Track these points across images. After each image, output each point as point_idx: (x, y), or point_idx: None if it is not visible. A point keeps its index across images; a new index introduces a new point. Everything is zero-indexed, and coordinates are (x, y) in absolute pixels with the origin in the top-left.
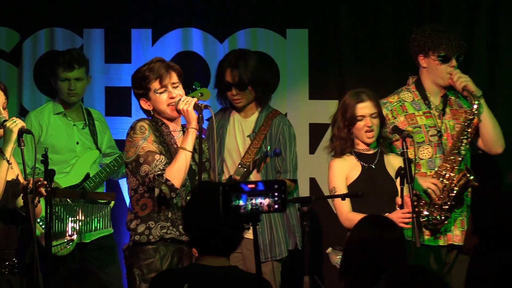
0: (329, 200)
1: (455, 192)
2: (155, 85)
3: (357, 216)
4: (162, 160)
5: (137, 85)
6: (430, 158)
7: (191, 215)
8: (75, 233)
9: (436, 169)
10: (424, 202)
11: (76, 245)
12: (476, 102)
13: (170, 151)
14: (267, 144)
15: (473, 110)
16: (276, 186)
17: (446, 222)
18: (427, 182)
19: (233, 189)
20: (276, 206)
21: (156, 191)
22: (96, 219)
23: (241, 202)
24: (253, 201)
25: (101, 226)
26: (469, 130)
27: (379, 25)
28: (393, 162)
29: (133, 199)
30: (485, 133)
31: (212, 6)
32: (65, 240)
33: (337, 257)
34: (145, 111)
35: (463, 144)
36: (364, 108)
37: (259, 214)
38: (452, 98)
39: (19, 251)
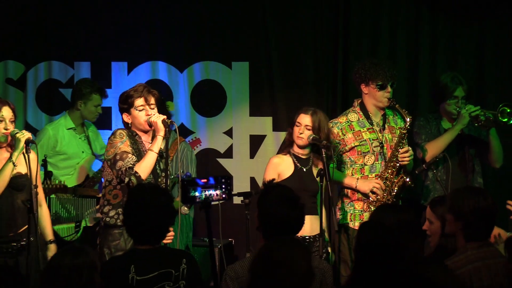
0: None
1: (395, 191)
2: (137, 102)
3: None
4: (133, 158)
5: (123, 101)
6: (372, 164)
7: (132, 213)
8: (79, 221)
9: (376, 172)
10: (372, 200)
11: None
12: (409, 119)
13: (140, 156)
14: (173, 164)
15: (406, 125)
16: (223, 180)
17: None
18: (372, 183)
19: (190, 183)
20: (224, 196)
21: (126, 179)
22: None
23: (197, 193)
24: (206, 192)
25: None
26: (404, 142)
27: (302, 57)
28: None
29: (107, 189)
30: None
31: (174, 44)
32: (75, 230)
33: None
34: (125, 123)
35: (399, 153)
36: (303, 118)
37: (211, 202)
38: (390, 117)
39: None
